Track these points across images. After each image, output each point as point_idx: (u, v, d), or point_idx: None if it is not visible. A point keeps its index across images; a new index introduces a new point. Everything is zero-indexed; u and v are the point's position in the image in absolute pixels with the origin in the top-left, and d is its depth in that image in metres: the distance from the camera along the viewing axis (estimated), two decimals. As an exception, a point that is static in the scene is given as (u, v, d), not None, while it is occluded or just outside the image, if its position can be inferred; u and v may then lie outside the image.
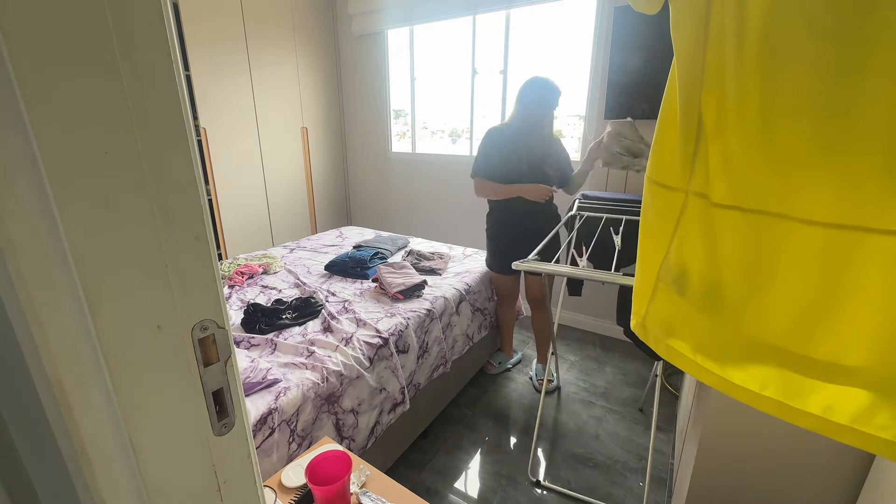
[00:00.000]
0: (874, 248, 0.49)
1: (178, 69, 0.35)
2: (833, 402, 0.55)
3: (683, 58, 0.63)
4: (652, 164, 0.72)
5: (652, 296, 0.75)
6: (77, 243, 0.31)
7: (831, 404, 0.55)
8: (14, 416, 0.34)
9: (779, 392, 0.59)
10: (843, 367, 0.54)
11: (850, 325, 0.52)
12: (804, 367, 0.57)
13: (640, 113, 2.35)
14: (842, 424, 0.54)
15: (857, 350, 0.52)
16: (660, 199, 0.71)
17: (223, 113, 2.78)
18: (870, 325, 0.51)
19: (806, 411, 0.57)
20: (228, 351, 0.41)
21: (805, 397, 0.57)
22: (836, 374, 0.54)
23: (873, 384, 0.52)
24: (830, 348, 0.54)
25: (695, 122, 0.63)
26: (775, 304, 0.58)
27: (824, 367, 0.55)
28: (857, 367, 0.52)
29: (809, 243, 0.53)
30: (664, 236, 0.70)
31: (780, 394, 0.59)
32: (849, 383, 0.53)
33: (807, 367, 0.56)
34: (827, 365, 0.55)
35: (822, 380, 0.56)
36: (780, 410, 0.59)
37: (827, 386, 0.55)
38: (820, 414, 0.56)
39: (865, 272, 0.50)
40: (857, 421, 0.53)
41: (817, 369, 0.56)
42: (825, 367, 0.55)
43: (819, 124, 0.52)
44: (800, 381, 0.57)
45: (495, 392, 2.26)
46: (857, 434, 0.53)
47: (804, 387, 0.57)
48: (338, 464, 0.95)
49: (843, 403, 0.54)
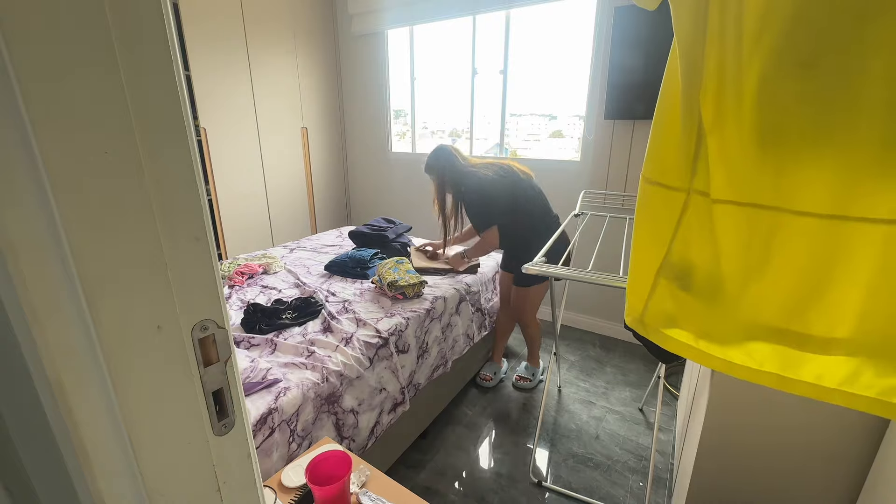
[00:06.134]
0: (862, 236, 0.54)
1: (178, 69, 0.35)
2: (824, 371, 0.62)
3: (684, 52, 0.64)
4: (650, 164, 0.72)
5: (651, 292, 0.76)
6: (77, 243, 0.31)
7: (822, 373, 0.62)
8: (14, 416, 0.34)
9: (776, 366, 0.66)
10: (833, 339, 0.60)
11: (840, 303, 0.58)
12: (799, 343, 0.63)
13: (639, 113, 2.35)
14: (832, 388, 0.61)
15: (845, 325, 0.59)
16: (659, 199, 0.71)
17: (223, 113, 2.78)
18: (857, 304, 0.57)
19: (800, 380, 0.64)
20: (228, 351, 0.41)
21: (799, 368, 0.64)
22: (828, 346, 0.61)
23: (859, 352, 0.58)
24: (822, 325, 0.60)
25: (696, 119, 0.64)
26: (771, 289, 0.63)
27: (817, 342, 0.61)
28: (844, 339, 0.59)
29: (803, 233, 0.58)
30: (664, 236, 0.72)
31: (777, 367, 0.65)
32: (838, 353, 0.60)
33: (801, 343, 0.63)
34: (819, 339, 0.61)
35: (814, 352, 0.62)
36: (778, 382, 0.66)
37: (819, 357, 0.62)
38: (813, 381, 0.63)
39: (855, 257, 0.55)
40: (844, 384, 0.60)
41: (811, 344, 0.62)
42: (817, 341, 0.61)
43: (814, 122, 0.54)
44: (795, 354, 0.64)
45: (495, 392, 2.26)
46: (845, 395, 0.60)
47: (799, 359, 0.64)
48: (338, 464, 0.95)
49: (833, 371, 0.61)
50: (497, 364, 2.37)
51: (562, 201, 2.62)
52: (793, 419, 1.01)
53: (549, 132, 3.02)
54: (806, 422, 1.00)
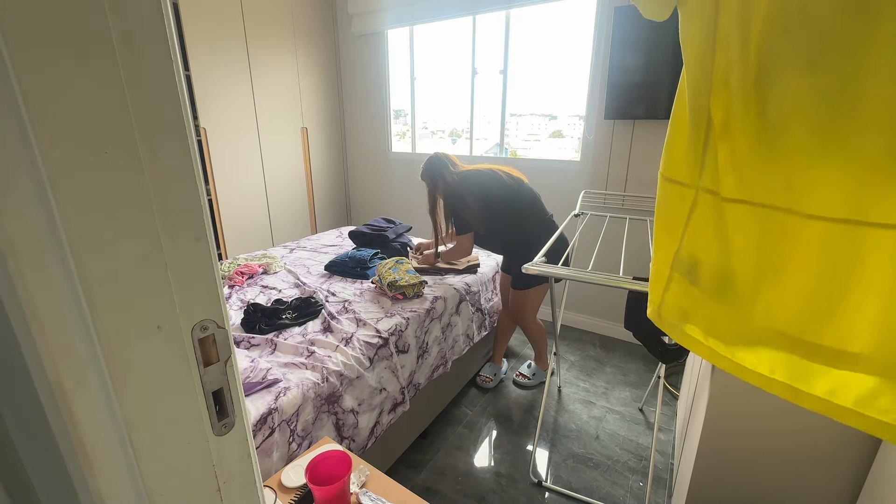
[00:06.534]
0: (877, 242, 0.51)
1: (178, 69, 0.35)
2: (837, 386, 0.57)
3: (692, 63, 0.65)
4: (664, 161, 0.75)
5: (667, 285, 0.78)
6: (77, 243, 0.31)
7: (836, 388, 0.57)
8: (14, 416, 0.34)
9: (787, 375, 0.62)
10: (848, 353, 0.56)
11: (855, 314, 0.54)
12: (811, 353, 0.59)
13: (639, 113, 2.35)
14: (845, 407, 0.56)
15: (861, 338, 0.54)
16: (672, 194, 0.74)
17: (223, 113, 2.78)
18: (873, 315, 0.53)
19: (812, 394, 0.60)
20: (228, 351, 0.41)
21: (811, 381, 0.60)
22: (842, 360, 0.56)
23: (877, 370, 0.54)
24: (837, 336, 0.56)
25: (703, 123, 0.65)
26: (785, 294, 0.60)
27: (831, 354, 0.57)
28: (861, 354, 0.55)
29: (815, 237, 0.55)
30: (677, 229, 0.74)
31: (787, 377, 0.62)
32: (853, 369, 0.56)
33: (814, 353, 0.59)
34: (833, 351, 0.57)
35: (828, 365, 0.58)
36: (788, 393, 0.62)
37: (832, 371, 0.58)
38: (825, 397, 0.58)
39: (869, 264, 0.52)
40: (859, 404, 0.55)
41: (824, 355, 0.58)
42: (831, 353, 0.57)
43: (822, 123, 0.53)
44: (807, 365, 0.60)
45: (495, 392, 2.26)
46: (860, 416, 0.55)
47: (811, 371, 0.60)
48: (338, 464, 0.95)
49: (848, 387, 0.56)
50: (497, 365, 2.36)
51: (562, 201, 2.62)
52: (793, 420, 1.01)
53: (549, 132, 3.02)
54: (806, 422, 1.00)
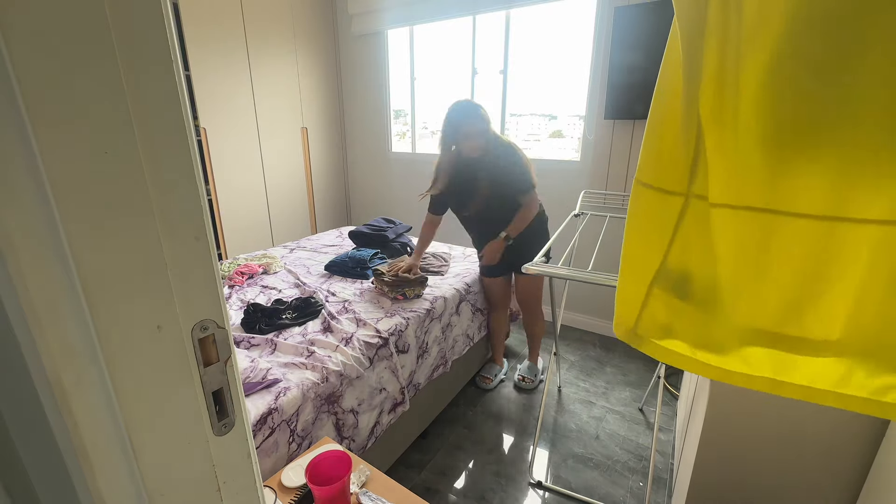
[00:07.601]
0: (856, 236, 0.54)
1: (178, 69, 0.35)
2: (817, 374, 0.62)
3: (685, 46, 0.62)
4: (645, 167, 0.68)
5: (644, 302, 0.73)
6: (77, 243, 0.31)
7: (816, 375, 0.62)
8: (14, 416, 0.34)
9: (770, 370, 0.66)
10: (827, 342, 0.60)
11: (834, 305, 0.58)
12: (794, 346, 0.63)
13: (639, 113, 2.35)
14: (825, 390, 0.62)
15: (837, 326, 0.59)
16: (655, 203, 0.68)
17: (223, 113, 2.78)
18: (849, 304, 0.57)
19: (794, 383, 0.64)
20: (228, 351, 0.41)
21: (793, 372, 0.64)
22: (822, 349, 0.61)
23: (849, 353, 0.59)
24: (818, 328, 0.60)
25: (696, 118, 0.63)
26: (767, 293, 0.62)
27: (811, 345, 0.62)
28: (837, 342, 0.59)
29: (799, 235, 0.58)
30: (660, 242, 0.69)
31: (771, 372, 0.65)
32: (830, 355, 0.60)
33: (796, 346, 0.63)
34: (814, 342, 0.61)
35: (810, 355, 0.62)
36: (772, 386, 0.66)
37: (813, 360, 0.62)
38: (806, 384, 0.63)
39: (848, 258, 0.55)
40: (838, 385, 0.60)
41: (805, 347, 0.62)
42: (812, 344, 0.61)
43: (810, 119, 0.54)
44: (789, 358, 0.64)
45: (495, 392, 2.26)
46: (838, 396, 0.61)
47: (793, 363, 0.64)
48: (338, 464, 0.95)
49: (826, 373, 0.61)
50: (498, 365, 2.37)
51: (562, 201, 2.62)
52: (793, 420, 1.01)
53: (549, 132, 3.02)
54: (806, 423, 1.00)
